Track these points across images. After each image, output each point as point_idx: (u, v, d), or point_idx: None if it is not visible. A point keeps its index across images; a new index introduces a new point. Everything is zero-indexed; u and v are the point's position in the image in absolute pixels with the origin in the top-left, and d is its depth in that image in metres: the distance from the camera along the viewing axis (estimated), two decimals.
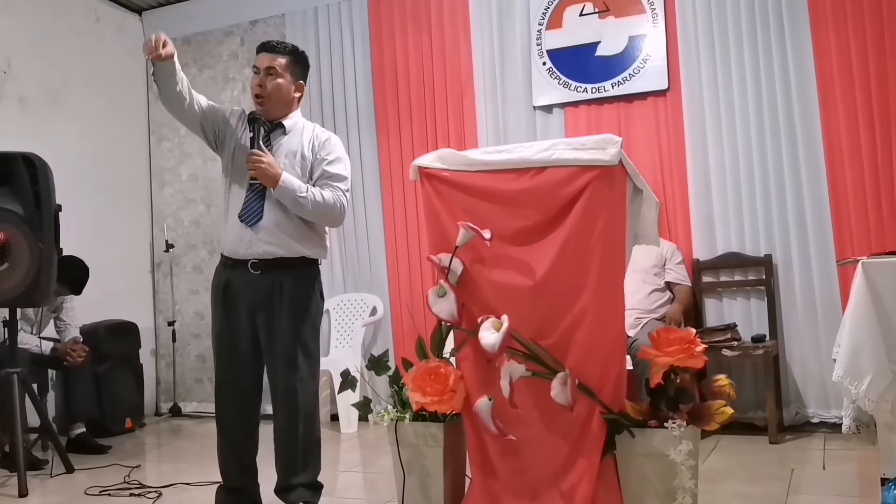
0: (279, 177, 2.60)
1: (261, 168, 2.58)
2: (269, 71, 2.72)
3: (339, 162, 2.78)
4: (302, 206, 2.64)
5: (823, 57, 3.96)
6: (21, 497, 3.25)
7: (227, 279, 2.72)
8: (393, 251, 4.93)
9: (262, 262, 2.67)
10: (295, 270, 2.71)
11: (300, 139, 2.76)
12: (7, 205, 3.35)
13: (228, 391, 2.75)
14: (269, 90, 2.72)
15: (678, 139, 4.27)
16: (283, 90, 2.74)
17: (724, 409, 2.17)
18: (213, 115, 2.80)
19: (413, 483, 2.42)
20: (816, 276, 3.96)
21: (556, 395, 2.14)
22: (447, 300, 2.32)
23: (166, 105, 2.75)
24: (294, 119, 2.81)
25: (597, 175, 2.24)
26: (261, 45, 2.80)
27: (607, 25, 4.45)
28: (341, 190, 2.74)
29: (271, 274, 2.67)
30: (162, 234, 5.68)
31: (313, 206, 2.65)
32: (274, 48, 2.76)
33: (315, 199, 2.65)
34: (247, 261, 2.67)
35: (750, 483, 3.05)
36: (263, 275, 2.67)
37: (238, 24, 5.56)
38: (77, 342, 4.31)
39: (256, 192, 2.67)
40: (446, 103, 4.81)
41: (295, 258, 2.71)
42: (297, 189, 2.63)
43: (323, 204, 2.67)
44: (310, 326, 2.75)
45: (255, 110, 2.74)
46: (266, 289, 2.67)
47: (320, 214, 2.70)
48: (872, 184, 3.84)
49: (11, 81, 4.83)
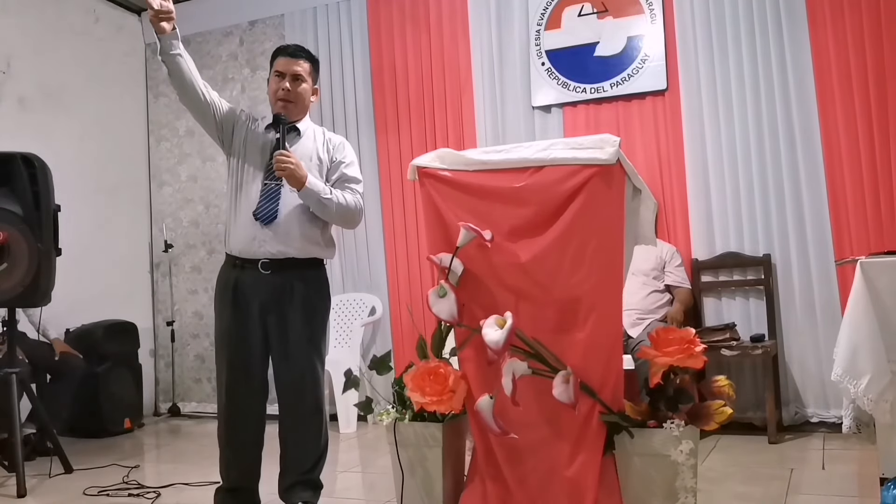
0: (306, 178, 2.61)
1: (290, 169, 2.58)
2: (296, 76, 2.76)
3: (354, 165, 2.85)
4: (326, 207, 2.67)
5: (821, 56, 3.97)
6: (20, 497, 3.25)
7: (237, 278, 2.71)
8: (392, 251, 4.93)
9: (272, 262, 2.67)
10: (305, 271, 2.73)
11: (313, 142, 2.81)
12: (6, 205, 3.35)
13: (237, 390, 2.72)
14: (295, 95, 2.76)
15: (677, 139, 4.28)
16: (306, 95, 2.80)
17: (723, 408, 2.17)
18: (223, 107, 2.80)
19: (412, 483, 2.42)
20: (815, 275, 3.97)
21: (558, 393, 2.14)
22: (448, 300, 2.32)
23: (175, 85, 2.72)
24: (307, 122, 2.85)
25: (595, 174, 2.24)
26: (281, 50, 2.82)
27: (606, 26, 4.46)
28: (359, 193, 2.80)
29: (282, 274, 2.68)
30: (161, 235, 5.68)
31: (336, 208, 2.69)
32: (298, 54, 2.79)
33: (338, 201, 2.69)
34: (257, 260, 2.67)
35: (749, 483, 3.05)
36: (273, 274, 2.68)
37: (237, 24, 5.56)
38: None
39: (271, 192, 2.68)
40: (445, 103, 4.81)
41: (305, 259, 2.73)
42: (322, 191, 2.66)
43: (345, 206, 2.71)
44: (319, 327, 2.78)
45: (280, 113, 2.73)
46: (277, 289, 2.68)
47: (341, 216, 2.74)
48: (871, 183, 3.85)
49: (11, 81, 4.83)
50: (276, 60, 2.80)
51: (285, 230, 2.67)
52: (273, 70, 2.79)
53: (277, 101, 2.75)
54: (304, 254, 2.72)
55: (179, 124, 5.74)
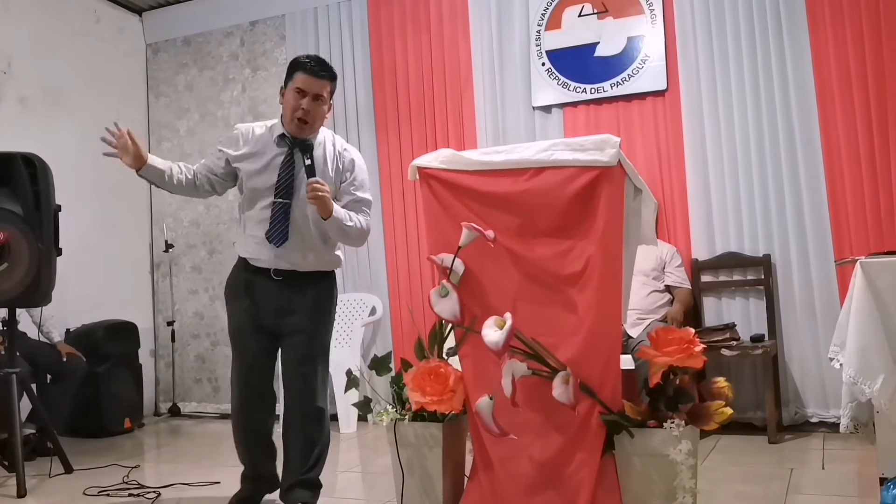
0: (333, 207, 2.63)
1: (324, 199, 2.58)
2: (317, 97, 2.69)
3: (366, 185, 2.85)
4: (346, 233, 2.71)
5: (821, 57, 3.97)
6: (20, 497, 3.25)
7: (250, 280, 2.77)
8: (392, 251, 4.93)
9: (284, 271, 2.74)
10: (316, 277, 2.80)
11: (324, 153, 2.78)
12: (7, 205, 3.35)
13: (254, 380, 2.77)
14: (314, 116, 2.70)
15: (677, 139, 4.28)
16: (323, 115, 2.76)
17: (723, 409, 2.17)
18: (217, 169, 2.82)
19: (412, 483, 2.42)
20: (815, 275, 3.97)
21: (558, 394, 2.14)
22: (450, 300, 2.33)
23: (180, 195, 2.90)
24: (320, 134, 2.82)
25: (596, 175, 2.24)
26: (303, 66, 2.69)
27: (606, 26, 4.46)
28: (369, 214, 2.82)
29: (293, 281, 2.74)
30: (161, 235, 5.68)
31: (354, 234, 2.73)
32: (322, 75, 2.69)
33: (357, 226, 2.72)
34: (269, 269, 2.73)
35: (749, 483, 3.05)
36: (285, 281, 2.74)
37: (238, 24, 5.56)
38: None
39: (280, 212, 2.70)
40: (445, 104, 4.81)
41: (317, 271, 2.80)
42: (344, 218, 2.67)
43: (360, 230, 2.75)
44: (328, 329, 2.84)
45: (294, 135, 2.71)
46: (289, 292, 2.74)
47: (354, 239, 2.79)
48: (870, 183, 3.85)
49: (12, 81, 4.84)
50: (296, 75, 2.68)
51: (296, 250, 2.72)
52: (293, 85, 2.68)
53: (294, 120, 2.68)
54: (315, 268, 2.78)
55: (180, 124, 5.75)
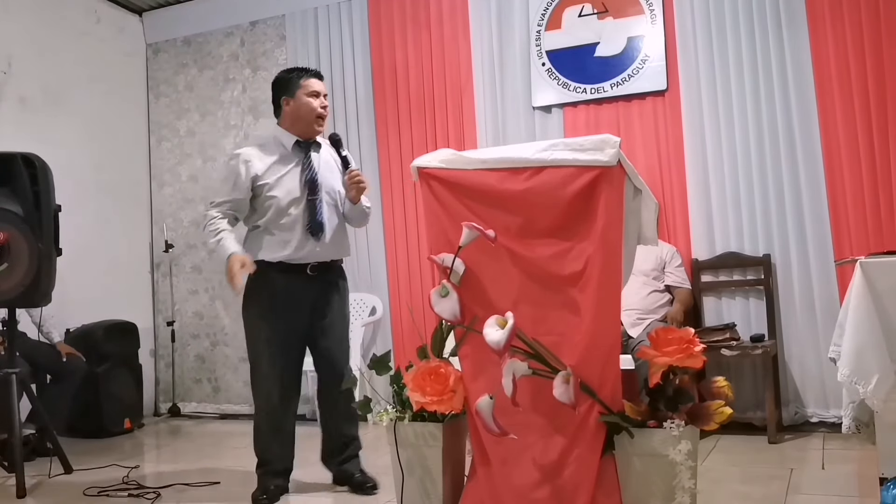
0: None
1: (364, 186, 3.06)
2: (325, 95, 3.13)
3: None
4: (367, 216, 3.19)
5: (821, 57, 3.97)
6: (20, 497, 3.25)
7: (284, 283, 3.01)
8: (392, 251, 4.93)
9: (320, 264, 3.06)
10: (339, 268, 3.18)
11: (327, 149, 3.18)
12: (7, 205, 3.35)
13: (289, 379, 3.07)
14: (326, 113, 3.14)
15: (677, 139, 4.28)
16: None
17: (722, 409, 2.17)
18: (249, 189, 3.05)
19: (412, 483, 2.42)
20: (815, 275, 3.97)
21: (559, 394, 2.14)
22: (450, 300, 2.33)
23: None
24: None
25: (595, 175, 2.24)
26: (307, 71, 3.13)
27: (606, 26, 4.46)
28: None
29: (326, 274, 3.09)
30: (161, 235, 5.68)
31: (368, 214, 3.19)
32: (322, 77, 3.16)
33: (370, 207, 3.18)
34: (306, 265, 3.03)
35: (749, 483, 3.05)
36: (320, 275, 3.06)
37: (238, 24, 5.57)
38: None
39: (316, 208, 3.03)
40: (446, 104, 4.82)
41: (340, 259, 3.17)
42: (365, 202, 3.13)
43: (370, 211, 3.20)
44: (349, 315, 3.25)
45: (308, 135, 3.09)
46: (325, 286, 3.08)
47: (367, 218, 3.22)
48: (870, 183, 3.85)
49: (12, 82, 4.84)
50: (305, 80, 3.08)
51: (331, 239, 3.07)
52: (306, 90, 3.06)
53: (317, 119, 3.08)
54: (340, 255, 3.16)
55: (180, 124, 5.75)
